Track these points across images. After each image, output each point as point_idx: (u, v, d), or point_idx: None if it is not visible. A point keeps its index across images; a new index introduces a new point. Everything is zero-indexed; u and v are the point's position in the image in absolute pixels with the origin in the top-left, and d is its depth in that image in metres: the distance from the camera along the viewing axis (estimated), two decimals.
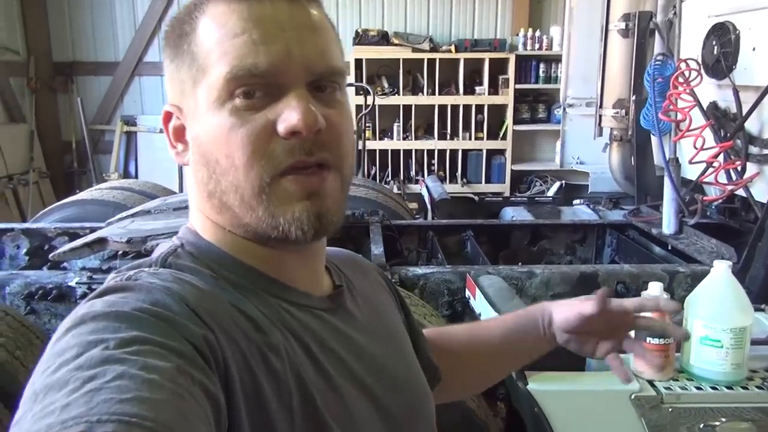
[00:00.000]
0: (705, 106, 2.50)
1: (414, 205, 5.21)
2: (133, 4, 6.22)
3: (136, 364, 0.46)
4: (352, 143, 0.68)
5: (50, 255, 2.36)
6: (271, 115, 0.60)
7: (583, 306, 0.88)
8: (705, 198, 2.58)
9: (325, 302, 0.69)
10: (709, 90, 2.56)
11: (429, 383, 0.81)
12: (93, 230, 2.52)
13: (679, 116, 2.53)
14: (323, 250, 0.73)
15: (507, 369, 1.10)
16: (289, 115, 0.60)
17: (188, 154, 0.66)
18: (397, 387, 0.72)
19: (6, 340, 1.77)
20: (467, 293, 2.01)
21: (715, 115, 2.49)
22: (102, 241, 2.21)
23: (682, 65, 2.49)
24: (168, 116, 0.67)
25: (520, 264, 2.50)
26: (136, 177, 6.17)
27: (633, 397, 1.31)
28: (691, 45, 2.72)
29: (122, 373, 0.45)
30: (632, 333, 0.98)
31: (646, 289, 1.39)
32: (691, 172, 2.60)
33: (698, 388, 1.32)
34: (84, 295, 2.00)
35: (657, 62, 2.72)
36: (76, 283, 2.05)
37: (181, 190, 5.26)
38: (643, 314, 0.91)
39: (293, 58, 0.60)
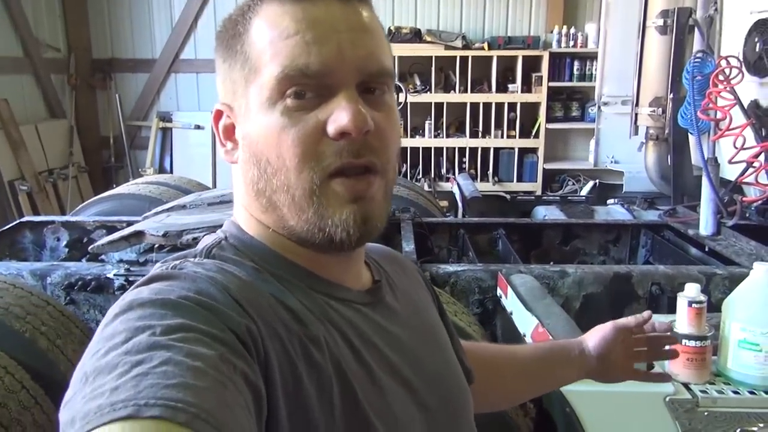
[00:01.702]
0: (746, 104, 2.44)
1: (444, 203, 5.19)
2: (170, 3, 6.32)
3: (182, 351, 0.47)
4: (398, 148, 0.68)
5: (89, 247, 2.43)
6: (322, 115, 0.61)
7: (621, 321, 1.01)
8: (744, 199, 2.53)
9: (364, 297, 0.70)
10: (750, 88, 2.50)
11: None
12: (130, 224, 2.58)
13: (719, 115, 2.47)
14: (363, 248, 0.73)
15: (535, 390, 1.13)
16: (338, 116, 0.60)
17: (237, 153, 0.67)
18: (436, 382, 0.72)
19: (47, 329, 1.82)
20: (498, 292, 2.01)
21: (757, 113, 2.43)
22: (139, 235, 2.26)
23: (723, 62, 2.43)
24: (219, 114, 0.68)
25: (551, 263, 2.48)
26: (171, 172, 6.28)
27: (667, 399, 1.29)
28: (732, 42, 2.66)
29: (168, 359, 0.46)
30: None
31: (682, 290, 1.36)
32: (730, 172, 2.55)
33: (735, 393, 1.30)
34: (121, 287, 2.05)
35: (696, 59, 2.66)
36: (114, 275, 2.10)
37: (214, 185, 5.35)
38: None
39: (345, 59, 0.61)
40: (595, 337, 1.01)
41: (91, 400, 0.44)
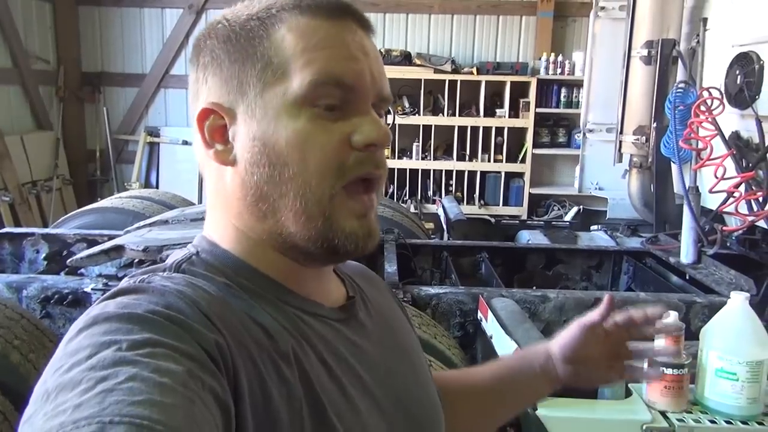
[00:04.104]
0: (727, 135, 2.48)
1: (430, 225, 5.20)
2: (161, 19, 6.35)
3: (148, 367, 0.46)
4: None
5: (68, 261, 2.40)
6: (347, 128, 0.64)
7: (585, 318, 0.93)
8: (725, 228, 2.55)
9: (337, 312, 0.70)
10: (731, 119, 2.54)
11: None
12: (111, 238, 2.55)
13: (701, 145, 2.51)
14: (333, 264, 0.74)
15: (504, 412, 1.03)
16: (368, 129, 0.64)
17: (233, 154, 0.64)
18: (407, 401, 0.71)
19: (20, 342, 1.79)
20: (479, 315, 2.00)
21: (737, 144, 2.46)
22: (119, 249, 2.24)
23: (705, 94, 2.47)
24: (206, 114, 0.65)
25: (534, 288, 2.48)
26: (157, 187, 6.25)
27: (644, 427, 1.29)
28: (713, 74, 2.71)
29: (134, 375, 0.45)
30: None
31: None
32: (711, 202, 2.57)
33: (712, 422, 1.29)
34: None
35: (679, 90, 2.71)
36: (92, 289, 2.07)
37: (200, 201, 5.32)
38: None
39: (372, 80, 0.66)
40: (560, 340, 0.93)
41: (52, 418, 0.43)
